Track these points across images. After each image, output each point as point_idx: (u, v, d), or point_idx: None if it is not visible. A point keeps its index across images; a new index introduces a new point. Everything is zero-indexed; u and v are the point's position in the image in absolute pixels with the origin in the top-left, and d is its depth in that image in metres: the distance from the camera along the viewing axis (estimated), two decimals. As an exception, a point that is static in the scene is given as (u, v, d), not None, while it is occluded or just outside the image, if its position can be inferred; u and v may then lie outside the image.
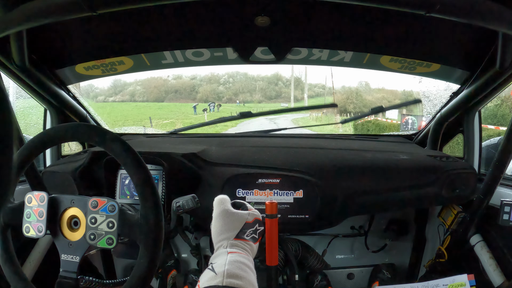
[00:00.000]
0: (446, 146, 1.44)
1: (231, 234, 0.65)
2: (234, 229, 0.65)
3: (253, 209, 0.72)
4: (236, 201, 0.74)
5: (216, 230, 0.66)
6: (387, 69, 1.27)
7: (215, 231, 0.67)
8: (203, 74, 31.91)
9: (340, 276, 1.50)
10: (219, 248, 0.64)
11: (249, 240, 0.66)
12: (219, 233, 0.66)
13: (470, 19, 0.70)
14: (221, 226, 0.66)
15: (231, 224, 0.66)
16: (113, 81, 27.62)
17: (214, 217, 0.68)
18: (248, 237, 0.66)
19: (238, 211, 0.69)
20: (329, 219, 1.10)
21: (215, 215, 0.68)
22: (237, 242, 0.64)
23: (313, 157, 1.16)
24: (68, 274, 0.71)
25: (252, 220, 0.68)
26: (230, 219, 0.66)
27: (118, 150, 0.69)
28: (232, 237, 0.64)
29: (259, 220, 0.70)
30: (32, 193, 0.74)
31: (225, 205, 0.68)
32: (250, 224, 0.67)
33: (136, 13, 0.99)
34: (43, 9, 0.70)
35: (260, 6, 0.98)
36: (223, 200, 0.69)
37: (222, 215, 0.67)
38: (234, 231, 0.65)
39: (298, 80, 29.93)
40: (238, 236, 0.65)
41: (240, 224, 0.66)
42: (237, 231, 0.65)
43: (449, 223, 1.26)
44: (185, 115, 18.68)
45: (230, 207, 0.68)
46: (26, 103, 1.44)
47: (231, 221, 0.66)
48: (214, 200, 0.70)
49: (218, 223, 0.66)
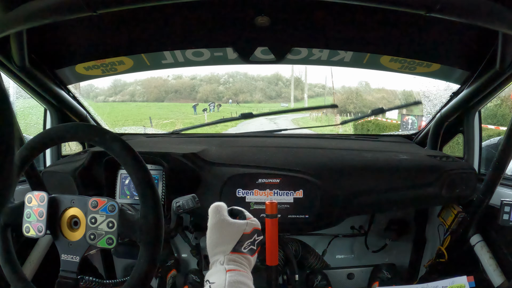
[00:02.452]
0: (446, 146, 1.44)
1: (227, 247, 0.60)
2: (230, 242, 0.61)
3: (252, 217, 0.66)
4: (233, 208, 0.68)
5: (212, 242, 0.62)
6: (387, 69, 1.27)
7: (210, 243, 0.62)
8: (203, 74, 31.92)
9: (340, 276, 1.50)
10: (215, 263, 0.60)
11: (247, 253, 0.62)
12: (215, 245, 0.61)
13: (470, 19, 0.70)
14: (217, 238, 0.61)
15: (228, 236, 0.61)
16: (113, 81, 27.62)
17: (209, 227, 0.63)
18: (245, 249, 0.61)
19: (235, 221, 0.63)
20: (329, 219, 1.10)
21: (210, 225, 0.63)
22: (234, 257, 0.60)
23: (313, 157, 1.16)
24: (68, 274, 0.71)
25: (250, 230, 0.63)
26: (227, 230, 0.62)
27: (118, 150, 0.69)
28: (228, 251, 0.60)
29: (258, 229, 0.65)
30: (32, 193, 0.74)
31: (221, 214, 0.63)
32: (248, 235, 0.62)
33: (136, 13, 0.99)
34: (43, 9, 0.70)
35: (260, 6, 0.98)
36: (219, 208, 0.64)
37: (218, 225, 0.62)
38: (231, 243, 0.61)
39: (298, 80, 29.94)
40: (235, 250, 0.60)
41: (237, 236, 0.61)
42: (234, 243, 0.61)
43: (449, 223, 1.26)
44: (185, 115, 18.68)
45: (227, 217, 0.63)
46: (26, 103, 1.44)
47: (227, 233, 0.61)
48: (210, 208, 0.65)
49: (213, 235, 0.62)
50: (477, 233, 1.22)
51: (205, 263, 1.38)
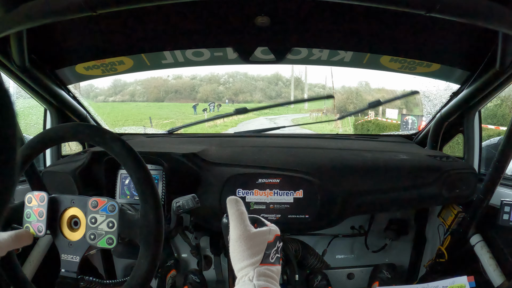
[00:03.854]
0: (446, 146, 1.44)
1: (256, 259, 0.55)
2: (258, 253, 0.56)
3: (270, 223, 0.62)
4: (250, 217, 0.62)
5: (237, 255, 0.56)
6: (387, 69, 1.27)
7: (235, 257, 0.56)
8: (203, 74, 31.91)
9: (340, 276, 1.50)
10: (243, 279, 0.54)
11: (275, 263, 0.57)
12: (241, 259, 0.55)
13: (470, 19, 0.70)
14: (243, 251, 0.55)
15: (255, 247, 0.56)
16: (113, 81, 27.63)
17: (233, 239, 0.57)
18: (273, 259, 0.57)
19: (259, 230, 0.59)
20: (329, 219, 1.10)
21: (235, 237, 0.57)
22: (264, 270, 0.55)
23: (313, 157, 1.16)
24: (68, 274, 0.72)
25: (273, 238, 0.58)
26: (253, 242, 0.56)
27: (118, 150, 0.69)
28: (257, 263, 0.55)
29: (279, 236, 0.61)
30: (32, 193, 0.74)
31: (246, 225, 0.58)
32: (272, 243, 0.58)
33: (136, 13, 0.99)
34: (43, 9, 0.70)
35: (260, 6, 0.98)
36: (243, 217, 0.58)
37: (243, 237, 0.56)
38: (259, 255, 0.55)
39: (298, 80, 29.95)
40: (263, 261, 0.55)
41: (263, 246, 0.56)
42: (261, 254, 0.56)
43: (449, 223, 1.26)
44: (185, 115, 18.68)
45: (251, 227, 0.58)
46: (26, 103, 1.44)
47: (254, 244, 0.56)
48: (231, 215, 0.59)
49: (239, 247, 0.56)
50: (477, 233, 1.22)
51: (205, 263, 1.38)
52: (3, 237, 0.67)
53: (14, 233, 0.69)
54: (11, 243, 0.68)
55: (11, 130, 0.23)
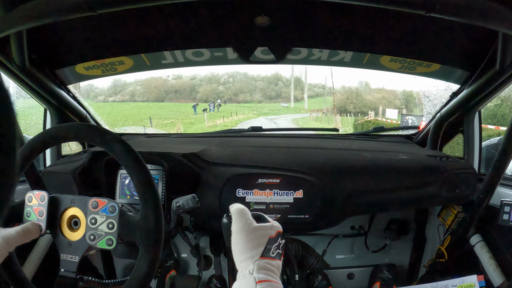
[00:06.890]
0: (446, 146, 1.44)
1: (256, 252, 0.57)
2: (258, 246, 0.58)
3: (272, 220, 0.64)
4: (253, 213, 0.65)
5: (238, 247, 0.58)
6: (387, 69, 1.27)
7: (237, 249, 0.59)
8: (203, 74, 31.92)
9: (340, 276, 1.50)
10: (243, 272, 0.56)
11: (275, 258, 0.59)
12: (242, 251, 0.58)
13: (470, 19, 0.70)
14: (244, 244, 0.58)
15: (255, 240, 0.58)
16: (113, 81, 27.62)
17: (235, 232, 0.60)
18: (273, 254, 0.59)
19: (261, 224, 0.61)
20: (329, 219, 1.10)
21: (236, 230, 0.59)
22: (264, 263, 0.57)
23: (313, 157, 1.16)
24: (67, 274, 0.72)
25: (275, 234, 0.60)
26: (254, 235, 0.58)
27: (119, 150, 0.69)
28: (257, 256, 0.57)
29: (281, 232, 0.62)
30: (33, 192, 0.74)
31: (247, 219, 0.60)
32: (274, 238, 0.60)
33: (136, 13, 0.99)
34: (43, 9, 0.70)
35: (260, 6, 0.98)
36: (244, 212, 0.61)
37: (244, 230, 0.59)
38: (259, 248, 0.58)
39: (298, 80, 29.96)
40: (264, 255, 0.57)
41: (264, 240, 0.58)
42: (262, 248, 0.58)
43: (449, 223, 1.26)
44: (185, 115, 18.70)
45: (253, 221, 0.61)
46: (26, 103, 1.44)
47: (255, 237, 0.58)
48: (233, 212, 0.62)
49: (240, 240, 0.58)
50: (477, 233, 1.22)
51: (205, 263, 1.38)
52: (10, 233, 0.68)
53: (20, 228, 0.70)
54: (19, 238, 0.69)
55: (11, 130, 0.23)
